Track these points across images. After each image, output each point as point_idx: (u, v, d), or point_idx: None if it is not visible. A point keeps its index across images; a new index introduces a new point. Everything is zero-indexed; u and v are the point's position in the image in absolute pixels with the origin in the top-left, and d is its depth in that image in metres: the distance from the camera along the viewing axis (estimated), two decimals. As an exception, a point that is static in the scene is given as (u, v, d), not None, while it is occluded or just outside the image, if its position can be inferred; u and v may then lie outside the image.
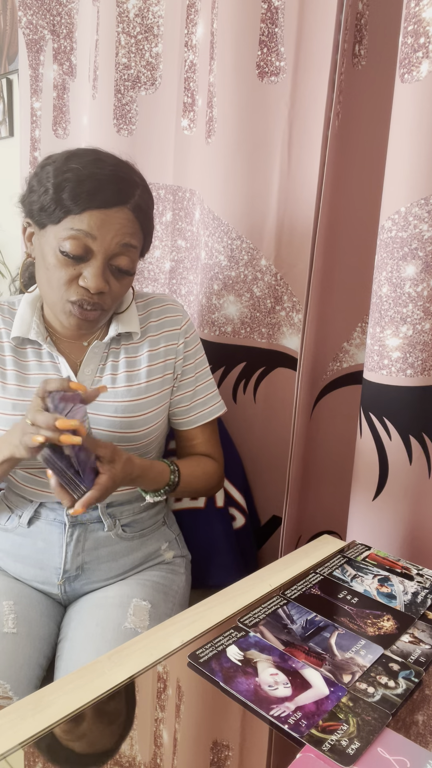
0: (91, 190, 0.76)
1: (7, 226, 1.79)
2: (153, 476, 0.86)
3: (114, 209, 0.77)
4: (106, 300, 0.82)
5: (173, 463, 0.90)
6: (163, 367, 0.92)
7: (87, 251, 0.77)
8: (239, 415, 1.19)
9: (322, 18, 0.97)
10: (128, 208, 0.79)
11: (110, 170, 0.78)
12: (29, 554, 0.90)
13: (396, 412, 0.91)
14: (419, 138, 0.80)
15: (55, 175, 0.77)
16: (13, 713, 0.51)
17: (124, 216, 0.78)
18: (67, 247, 0.76)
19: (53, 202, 0.76)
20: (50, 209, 0.77)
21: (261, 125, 1.05)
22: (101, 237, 0.77)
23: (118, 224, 0.78)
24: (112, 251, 0.79)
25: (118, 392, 0.88)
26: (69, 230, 0.76)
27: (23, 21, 1.41)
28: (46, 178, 0.78)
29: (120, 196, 0.78)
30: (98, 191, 0.76)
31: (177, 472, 0.89)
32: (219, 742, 0.49)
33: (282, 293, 1.11)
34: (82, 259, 0.78)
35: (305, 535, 1.25)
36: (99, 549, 0.90)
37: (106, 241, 0.77)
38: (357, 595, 0.70)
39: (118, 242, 0.78)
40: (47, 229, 0.79)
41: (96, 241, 0.77)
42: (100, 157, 0.79)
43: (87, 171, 0.76)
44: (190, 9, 1.14)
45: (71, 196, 0.75)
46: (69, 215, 0.76)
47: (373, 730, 0.49)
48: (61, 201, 0.76)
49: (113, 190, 0.77)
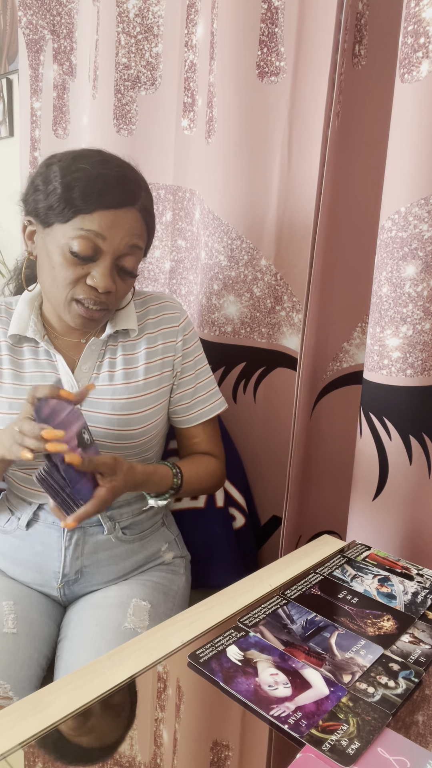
0: (100, 190, 0.76)
1: (7, 226, 1.79)
2: (156, 481, 0.86)
3: (123, 210, 0.78)
4: (111, 299, 0.82)
5: (175, 465, 0.90)
6: (161, 365, 0.92)
7: (96, 251, 0.78)
8: (239, 415, 1.19)
9: (322, 18, 0.97)
10: (136, 209, 0.79)
11: (117, 171, 0.78)
12: (28, 557, 0.90)
13: (396, 412, 0.91)
14: (419, 138, 0.81)
15: (63, 174, 0.77)
16: (13, 713, 0.51)
17: (133, 217, 0.79)
18: (76, 247, 0.76)
19: (62, 201, 0.76)
20: (59, 208, 0.77)
21: (261, 125, 1.05)
22: (111, 237, 0.77)
23: (128, 225, 0.78)
24: (120, 251, 0.79)
25: (116, 389, 0.88)
26: (79, 230, 0.76)
27: (23, 21, 1.41)
28: (53, 177, 0.78)
29: (129, 197, 0.78)
30: (108, 191, 0.76)
31: (180, 474, 0.89)
32: (219, 742, 0.49)
33: (282, 293, 1.11)
34: (90, 259, 0.78)
35: (305, 535, 1.25)
36: (98, 552, 0.90)
37: (116, 242, 0.78)
38: (357, 595, 0.70)
39: (126, 243, 0.79)
40: (54, 228, 0.78)
41: (106, 242, 0.77)
42: (107, 158, 0.80)
43: (96, 171, 0.76)
44: (190, 9, 1.14)
45: (82, 196, 0.75)
46: (79, 215, 0.76)
47: (373, 730, 0.49)
48: (71, 200, 0.76)
49: (122, 191, 0.77)
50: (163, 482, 0.87)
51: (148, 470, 0.84)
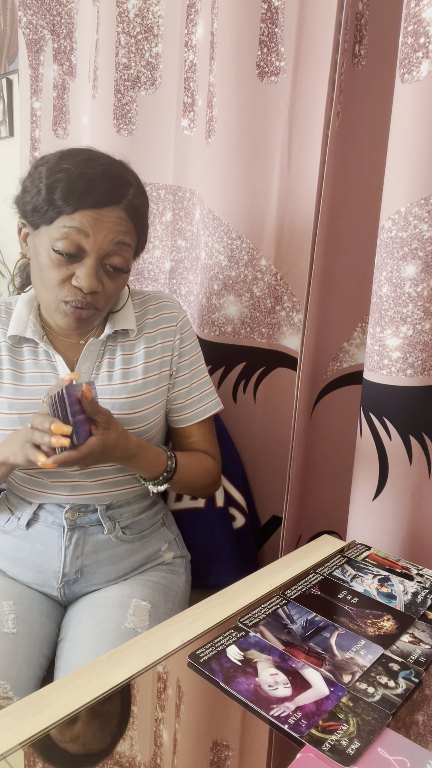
0: (82, 191, 0.75)
1: (7, 226, 1.79)
2: (150, 457, 0.86)
3: (106, 209, 0.77)
4: (99, 300, 0.81)
5: (169, 449, 0.91)
6: (160, 364, 0.92)
7: (80, 249, 0.77)
8: (239, 415, 1.19)
9: (322, 18, 0.97)
10: (121, 208, 0.79)
11: (102, 170, 0.78)
12: (28, 557, 0.90)
13: (396, 412, 0.91)
14: (419, 138, 0.80)
15: (47, 175, 0.77)
16: (13, 713, 0.51)
17: (117, 215, 0.78)
18: (60, 246, 0.76)
19: (45, 203, 0.76)
20: (43, 210, 0.77)
21: (261, 125, 1.05)
22: (94, 235, 0.77)
23: (111, 223, 0.78)
24: (105, 250, 0.79)
25: (115, 389, 0.88)
26: (61, 229, 0.76)
27: (23, 21, 1.41)
28: (38, 179, 0.78)
29: (112, 196, 0.78)
30: (90, 191, 0.76)
31: (174, 458, 0.89)
32: (219, 742, 0.49)
33: (282, 293, 1.11)
34: (75, 258, 0.78)
35: (305, 535, 1.25)
36: (98, 552, 0.90)
37: (99, 240, 0.77)
38: (357, 595, 0.70)
39: (111, 240, 0.78)
40: (40, 230, 0.79)
41: (89, 239, 0.77)
42: (93, 157, 0.79)
43: (78, 171, 0.76)
44: (190, 9, 1.14)
45: (63, 197, 0.75)
46: (61, 216, 0.76)
47: (373, 730, 0.49)
48: (53, 202, 0.76)
49: (105, 190, 0.77)
50: (157, 461, 0.87)
51: (142, 444, 0.85)
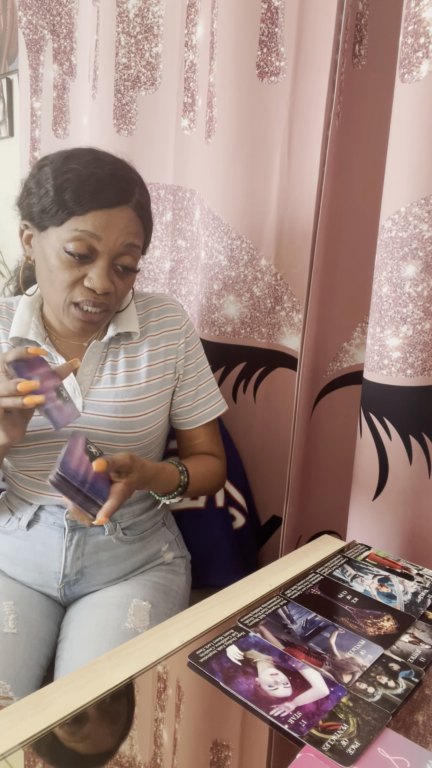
0: (93, 191, 0.75)
1: (7, 226, 1.79)
2: (164, 478, 0.86)
3: (117, 208, 0.77)
4: (111, 300, 0.81)
5: (181, 464, 0.90)
6: (163, 367, 0.92)
7: (92, 251, 0.77)
8: (239, 415, 1.19)
9: (322, 18, 0.97)
10: (131, 207, 0.79)
11: (110, 169, 0.77)
12: (28, 558, 0.90)
13: (396, 412, 0.91)
14: (419, 138, 0.81)
15: (54, 176, 0.76)
16: (13, 713, 0.51)
17: (127, 215, 0.78)
18: (72, 247, 0.76)
19: (55, 204, 0.76)
20: (52, 211, 0.76)
21: (261, 125, 1.05)
22: (106, 237, 0.76)
23: (123, 224, 0.78)
24: (117, 251, 0.78)
25: (118, 392, 0.87)
26: (73, 231, 0.75)
27: (23, 21, 1.41)
28: (45, 180, 0.77)
29: (122, 195, 0.77)
30: (100, 191, 0.75)
31: (186, 473, 0.89)
32: (219, 742, 0.49)
33: (282, 293, 1.11)
34: (87, 259, 0.77)
35: (305, 535, 1.25)
36: (99, 553, 0.90)
37: (111, 241, 0.77)
38: (357, 595, 0.70)
39: (122, 242, 0.78)
40: (49, 231, 0.78)
41: (101, 242, 0.76)
42: (99, 157, 0.79)
43: (87, 171, 0.76)
44: (190, 9, 1.14)
45: (74, 197, 0.75)
46: (72, 216, 0.75)
47: (373, 730, 0.49)
48: (64, 202, 0.75)
49: (115, 190, 0.77)
50: (171, 479, 0.87)
51: (158, 467, 0.85)
